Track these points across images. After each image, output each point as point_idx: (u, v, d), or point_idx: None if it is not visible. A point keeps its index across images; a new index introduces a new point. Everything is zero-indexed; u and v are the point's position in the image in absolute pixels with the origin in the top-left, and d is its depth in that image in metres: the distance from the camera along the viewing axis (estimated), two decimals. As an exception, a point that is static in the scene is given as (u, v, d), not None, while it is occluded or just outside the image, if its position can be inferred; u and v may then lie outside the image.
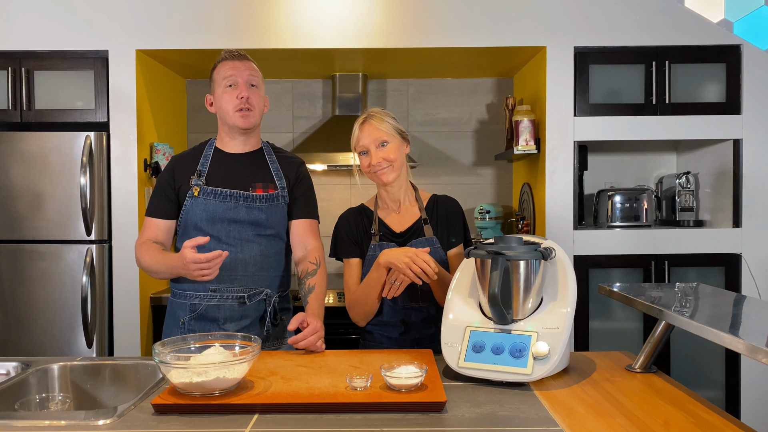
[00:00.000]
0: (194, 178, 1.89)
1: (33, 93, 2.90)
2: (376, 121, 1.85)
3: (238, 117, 1.88)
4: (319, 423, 1.24)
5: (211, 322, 1.88)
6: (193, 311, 1.89)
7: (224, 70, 1.90)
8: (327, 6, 2.89)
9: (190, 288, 1.88)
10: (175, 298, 1.93)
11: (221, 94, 1.89)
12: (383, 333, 1.91)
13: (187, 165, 1.93)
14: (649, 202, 3.15)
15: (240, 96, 1.86)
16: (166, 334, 1.92)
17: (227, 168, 1.93)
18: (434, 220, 1.92)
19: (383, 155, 1.83)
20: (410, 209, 1.94)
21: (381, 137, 1.84)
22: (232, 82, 1.88)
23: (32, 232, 2.80)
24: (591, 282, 2.92)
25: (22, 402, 1.53)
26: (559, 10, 2.89)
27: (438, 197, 1.97)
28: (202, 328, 1.88)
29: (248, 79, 1.89)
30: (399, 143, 1.87)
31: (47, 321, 2.80)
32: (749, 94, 2.91)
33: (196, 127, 3.63)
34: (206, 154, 1.95)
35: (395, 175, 1.86)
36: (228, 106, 1.88)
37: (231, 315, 1.89)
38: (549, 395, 1.40)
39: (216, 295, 1.87)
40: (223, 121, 1.93)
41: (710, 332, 1.25)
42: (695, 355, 2.95)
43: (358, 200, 3.70)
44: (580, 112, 2.92)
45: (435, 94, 3.65)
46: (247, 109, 1.87)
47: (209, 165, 1.93)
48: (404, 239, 1.90)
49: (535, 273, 1.51)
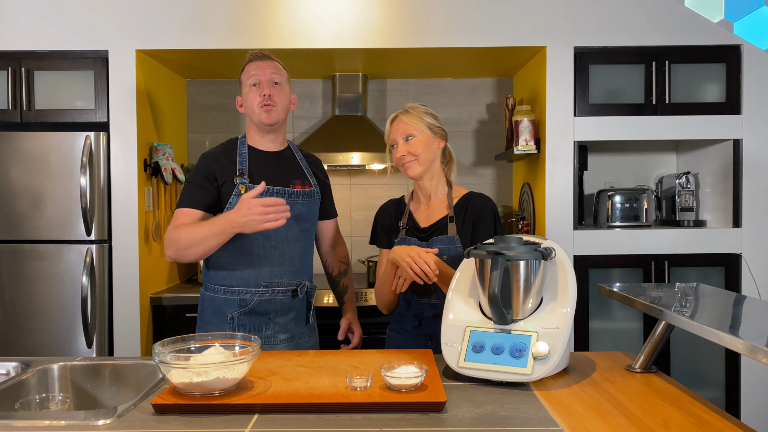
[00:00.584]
0: (238, 177, 1.93)
1: (33, 93, 2.90)
2: (406, 116, 1.91)
3: (262, 113, 1.95)
4: (319, 423, 1.24)
5: (262, 315, 1.94)
6: (243, 306, 1.92)
7: (249, 70, 1.98)
8: (327, 6, 2.89)
9: (241, 283, 1.93)
10: (218, 293, 1.95)
11: (247, 93, 1.98)
12: (401, 325, 1.98)
13: (226, 163, 1.95)
14: (649, 202, 3.15)
15: (263, 93, 1.94)
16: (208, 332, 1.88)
17: (266, 166, 1.99)
18: (461, 218, 1.90)
19: (408, 149, 1.89)
20: (440, 205, 1.95)
21: (407, 131, 1.89)
22: (255, 81, 1.96)
23: (32, 232, 2.80)
24: (591, 282, 2.92)
25: (22, 402, 1.53)
26: (559, 10, 2.89)
27: (471, 195, 1.95)
28: (252, 323, 1.93)
29: (271, 77, 1.96)
30: (428, 138, 1.90)
31: (47, 321, 2.80)
32: (749, 94, 2.91)
33: (196, 127, 3.63)
34: (241, 152, 1.98)
35: (421, 169, 1.90)
36: (252, 103, 1.96)
37: (281, 308, 1.96)
38: (549, 395, 1.40)
39: (268, 290, 1.94)
40: (251, 120, 2.00)
41: (710, 332, 1.25)
42: (695, 355, 2.95)
43: (358, 200, 3.73)
44: (580, 112, 2.92)
45: (435, 94, 3.65)
46: (270, 105, 1.94)
47: (247, 163, 1.97)
48: (427, 235, 1.92)
49: (535, 273, 1.51)
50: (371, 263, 3.19)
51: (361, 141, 3.33)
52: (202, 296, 2.02)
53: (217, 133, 3.61)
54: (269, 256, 1.94)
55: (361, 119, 3.48)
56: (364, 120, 3.48)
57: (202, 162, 1.96)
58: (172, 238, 1.85)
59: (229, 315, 1.92)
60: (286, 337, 1.98)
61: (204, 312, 1.99)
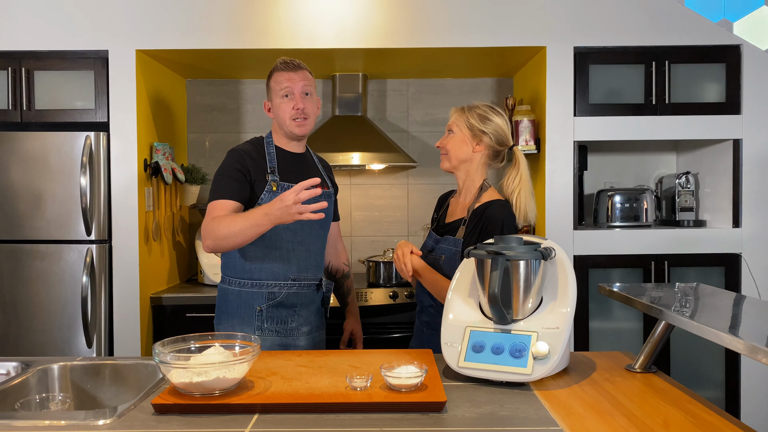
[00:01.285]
0: (270, 174, 1.99)
1: (33, 93, 2.90)
2: (458, 111, 1.95)
3: (294, 126, 2.01)
4: (319, 423, 1.24)
5: (289, 308, 2.02)
6: (272, 299, 2.00)
7: (281, 80, 2.02)
8: (327, 6, 2.89)
9: (270, 276, 1.99)
10: (245, 287, 2.01)
11: (279, 103, 2.02)
12: (420, 318, 2.02)
13: (258, 160, 2.00)
14: (649, 202, 3.15)
15: (296, 107, 1.99)
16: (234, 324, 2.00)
17: (294, 166, 2.06)
18: (473, 223, 1.87)
19: (444, 142, 1.95)
20: (465, 206, 1.95)
21: (450, 125, 1.95)
22: (288, 93, 2.00)
23: (32, 232, 2.80)
24: (591, 282, 2.92)
25: (22, 402, 1.53)
26: (559, 10, 2.89)
27: (492, 204, 1.88)
28: (279, 315, 2.01)
29: (303, 89, 2.01)
30: (464, 138, 1.91)
31: (47, 321, 2.80)
32: (749, 94, 2.91)
33: (196, 127, 3.63)
34: (269, 152, 2.04)
35: (449, 165, 1.95)
36: (285, 115, 2.01)
37: (305, 301, 2.05)
38: (549, 395, 1.40)
39: (296, 283, 2.02)
40: (280, 127, 2.06)
41: (710, 332, 1.25)
42: (695, 355, 2.95)
43: (358, 200, 3.73)
44: (580, 112, 2.92)
45: (435, 94, 3.65)
46: (303, 118, 2.00)
47: (276, 162, 2.03)
48: (444, 231, 1.96)
49: (535, 273, 1.51)
50: (371, 263, 3.19)
51: (361, 141, 3.33)
52: (224, 291, 2.06)
53: (217, 133, 3.61)
54: (297, 251, 2.02)
55: (361, 119, 3.48)
56: (364, 120, 3.48)
57: (235, 156, 1.99)
58: (210, 229, 1.86)
59: (257, 308, 1.99)
60: (307, 329, 2.07)
61: (228, 306, 2.03)
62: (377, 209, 3.68)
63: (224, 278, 2.08)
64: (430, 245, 1.96)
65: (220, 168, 2.00)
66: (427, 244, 1.98)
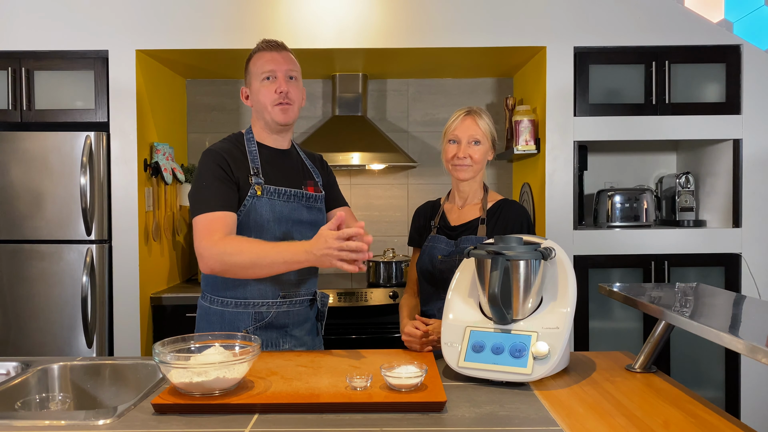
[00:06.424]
0: (253, 177, 1.75)
1: (33, 93, 2.90)
2: (480, 120, 1.91)
3: (277, 111, 1.77)
4: (319, 423, 1.24)
5: (279, 329, 1.79)
6: (259, 320, 1.76)
7: (262, 62, 1.79)
8: (327, 6, 2.89)
9: (256, 295, 1.76)
10: (228, 307, 1.77)
11: (258, 87, 1.78)
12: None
13: (240, 159, 1.77)
14: (649, 202, 3.15)
15: (279, 90, 1.76)
16: None
17: (278, 165, 1.83)
18: (492, 222, 1.90)
19: (471, 152, 1.88)
20: (473, 207, 1.96)
21: (476, 136, 1.89)
22: (270, 75, 1.77)
23: (32, 232, 2.80)
24: (591, 282, 2.92)
25: (22, 402, 1.53)
26: (559, 10, 2.89)
27: (505, 202, 1.94)
28: (268, 337, 1.77)
29: (287, 71, 1.79)
30: (488, 148, 1.93)
31: (47, 321, 2.80)
32: (749, 94, 2.91)
33: (196, 127, 3.63)
34: (251, 149, 1.81)
35: (471, 175, 1.91)
36: (266, 100, 1.77)
37: (298, 320, 1.82)
38: (549, 395, 1.40)
39: (286, 301, 1.79)
40: (260, 116, 1.82)
41: (710, 332, 1.25)
42: (695, 355, 2.95)
43: (358, 200, 3.73)
44: (580, 112, 2.92)
45: (435, 94, 3.65)
46: (286, 103, 1.77)
47: (260, 161, 1.80)
48: (457, 233, 1.93)
49: (535, 273, 1.51)
50: (371, 263, 3.19)
51: (361, 141, 3.33)
52: (204, 309, 1.82)
53: (217, 133, 3.61)
54: None
55: (361, 119, 3.48)
56: (364, 120, 3.48)
57: (215, 159, 1.74)
58: (221, 252, 1.63)
59: (243, 331, 1.75)
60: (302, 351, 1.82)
61: (210, 327, 1.79)
62: (377, 209, 3.69)
63: (205, 295, 1.83)
64: (446, 250, 1.90)
65: (199, 174, 1.74)
66: (441, 249, 1.91)
